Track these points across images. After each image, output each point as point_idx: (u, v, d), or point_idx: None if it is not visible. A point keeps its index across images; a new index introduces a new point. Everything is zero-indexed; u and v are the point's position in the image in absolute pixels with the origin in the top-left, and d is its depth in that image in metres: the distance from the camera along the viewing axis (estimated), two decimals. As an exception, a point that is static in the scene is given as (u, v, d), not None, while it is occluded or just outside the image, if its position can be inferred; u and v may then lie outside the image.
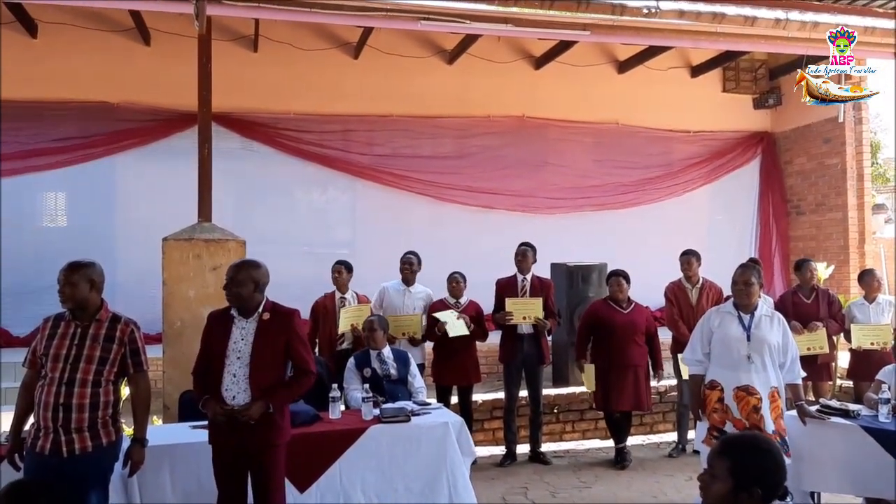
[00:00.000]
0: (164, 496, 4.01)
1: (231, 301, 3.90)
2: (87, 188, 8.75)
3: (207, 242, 5.80)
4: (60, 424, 3.51)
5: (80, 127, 8.61)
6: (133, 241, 8.07)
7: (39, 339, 3.69)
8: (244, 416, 3.69)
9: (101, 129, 8.64)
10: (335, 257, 6.64)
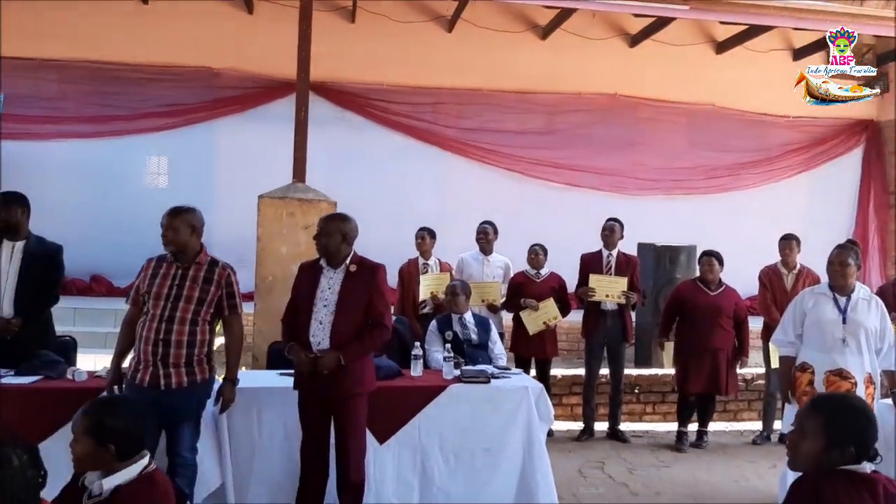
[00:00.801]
0: (252, 436, 4.16)
1: (320, 251, 4.02)
2: (189, 151, 9.13)
3: (301, 202, 5.98)
4: (160, 359, 3.70)
5: (184, 92, 8.98)
6: (230, 203, 8.37)
7: (143, 277, 3.89)
8: (318, 366, 3.81)
9: (204, 95, 8.99)
10: (420, 226, 6.72)
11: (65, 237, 4.80)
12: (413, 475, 4.28)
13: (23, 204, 4.49)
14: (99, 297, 8.37)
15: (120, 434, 2.24)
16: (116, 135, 9.04)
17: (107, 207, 8.85)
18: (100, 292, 8.46)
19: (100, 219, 8.67)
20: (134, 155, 9.29)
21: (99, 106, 9.03)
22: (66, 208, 8.42)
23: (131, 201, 8.92)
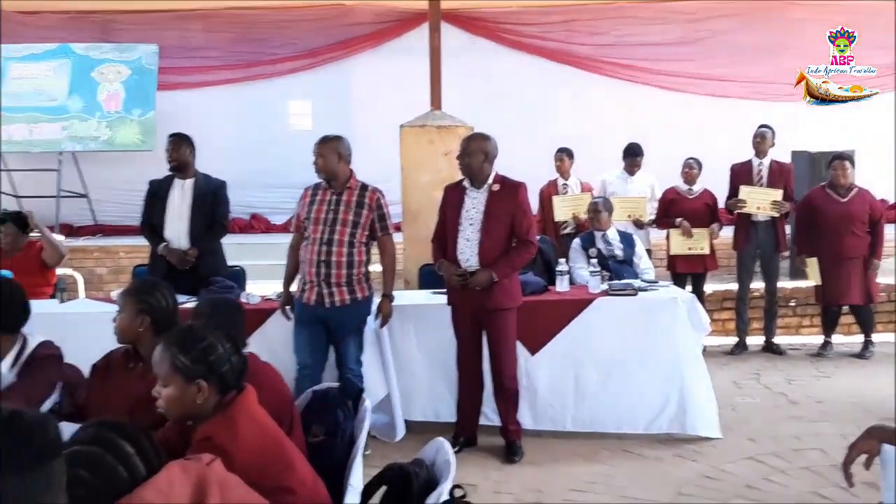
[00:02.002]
0: (410, 349, 4.40)
1: (463, 171, 4.12)
2: (329, 91, 9.38)
3: (439, 129, 6.08)
4: (323, 279, 3.97)
5: (320, 32, 9.22)
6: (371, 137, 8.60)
7: (302, 205, 4.15)
8: (471, 283, 3.94)
9: (339, 33, 9.19)
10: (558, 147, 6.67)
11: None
12: (566, 385, 4.37)
13: (190, 143, 4.85)
14: (259, 233, 8.93)
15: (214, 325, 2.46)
16: (260, 78, 9.44)
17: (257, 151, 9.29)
18: (259, 229, 9.02)
19: (252, 162, 9.12)
20: (278, 98, 9.66)
21: (242, 53, 9.43)
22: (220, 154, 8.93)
23: (279, 144, 9.36)
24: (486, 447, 4.20)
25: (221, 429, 1.77)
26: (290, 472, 1.79)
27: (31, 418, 1.09)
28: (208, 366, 1.86)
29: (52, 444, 1.10)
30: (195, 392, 1.85)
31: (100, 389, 2.60)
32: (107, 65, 8.59)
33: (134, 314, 2.57)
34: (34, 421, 1.09)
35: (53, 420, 1.11)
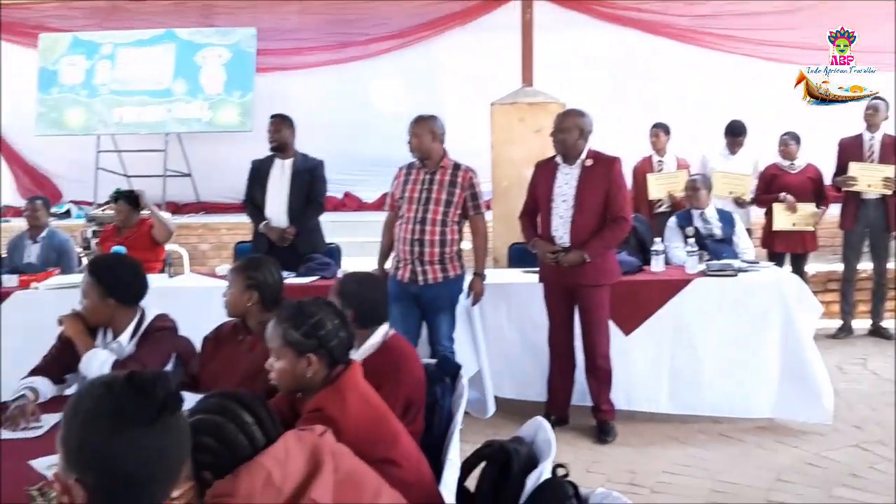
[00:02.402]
0: (501, 327, 4.43)
1: (557, 147, 4.08)
2: (418, 70, 9.44)
3: (531, 105, 6.05)
4: (416, 257, 4.04)
5: (410, 11, 9.25)
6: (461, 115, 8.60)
7: (396, 184, 4.22)
8: (563, 261, 3.92)
9: (429, 12, 9.20)
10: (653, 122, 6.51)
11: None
12: (661, 366, 4.30)
13: (291, 124, 4.99)
14: (351, 211, 9.13)
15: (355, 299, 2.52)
16: (352, 60, 9.58)
17: (349, 131, 9.45)
18: (352, 207, 9.22)
19: (343, 141, 9.28)
20: (369, 78, 9.78)
21: (335, 34, 9.57)
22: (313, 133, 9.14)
23: (370, 124, 9.50)
24: (577, 427, 4.19)
25: (331, 401, 1.84)
26: (395, 445, 1.86)
27: (150, 374, 1.17)
28: (318, 340, 1.94)
29: (172, 398, 1.16)
30: (305, 366, 1.93)
31: (211, 361, 2.74)
32: (208, 48, 8.91)
33: (242, 289, 2.69)
34: (153, 376, 1.17)
35: (170, 375, 1.18)
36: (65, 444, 1.16)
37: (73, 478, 1.14)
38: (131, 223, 5.48)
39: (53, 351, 2.74)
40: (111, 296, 2.70)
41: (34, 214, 5.66)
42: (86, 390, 1.18)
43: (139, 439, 1.13)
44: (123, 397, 1.14)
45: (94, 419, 1.13)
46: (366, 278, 2.68)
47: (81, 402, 1.16)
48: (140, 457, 1.13)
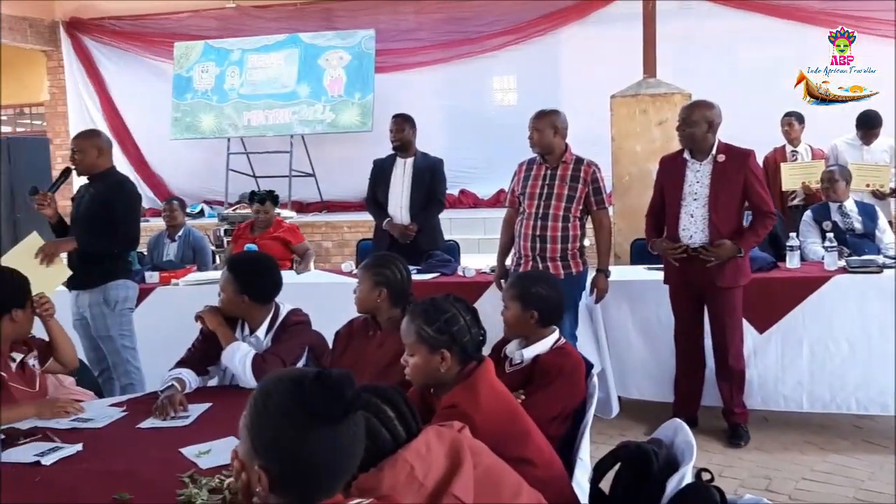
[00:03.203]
0: (625, 325, 4.32)
1: (684, 142, 3.93)
2: (534, 65, 9.38)
3: (653, 97, 5.87)
4: (538, 253, 4.00)
5: (525, 7, 9.19)
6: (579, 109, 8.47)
7: (517, 180, 4.19)
8: (711, 254, 3.77)
9: (545, 6, 9.12)
10: (785, 111, 6.18)
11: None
12: (799, 364, 4.07)
13: (412, 124, 5.07)
14: (467, 208, 9.18)
15: (541, 300, 2.49)
16: (467, 56, 9.62)
17: (464, 128, 9.52)
18: (467, 204, 9.28)
19: (459, 139, 9.36)
20: (484, 75, 9.81)
21: (451, 32, 9.65)
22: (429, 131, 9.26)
23: (485, 121, 9.52)
24: (707, 429, 4.03)
25: (465, 398, 1.85)
26: (529, 443, 1.84)
27: (337, 375, 1.22)
28: (451, 336, 1.96)
29: (356, 398, 1.21)
30: (439, 361, 1.95)
31: (342, 355, 2.81)
32: (331, 51, 9.19)
33: (372, 286, 2.75)
34: (340, 376, 1.21)
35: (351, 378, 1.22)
36: (254, 434, 1.21)
37: (257, 464, 1.20)
38: (270, 223, 5.69)
39: (196, 344, 2.88)
40: (245, 292, 2.82)
41: (172, 214, 6.00)
42: (274, 385, 1.24)
43: (327, 436, 1.19)
44: (315, 395, 1.19)
45: (287, 414, 1.19)
46: (546, 279, 2.66)
47: (272, 397, 1.22)
48: (326, 453, 1.19)
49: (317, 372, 1.22)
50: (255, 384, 2.68)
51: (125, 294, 4.04)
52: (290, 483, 1.20)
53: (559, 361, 2.39)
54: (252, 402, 1.24)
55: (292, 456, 1.18)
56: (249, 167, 9.48)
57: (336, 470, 1.21)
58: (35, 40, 10.00)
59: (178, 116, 9.46)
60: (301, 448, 1.18)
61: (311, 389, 1.20)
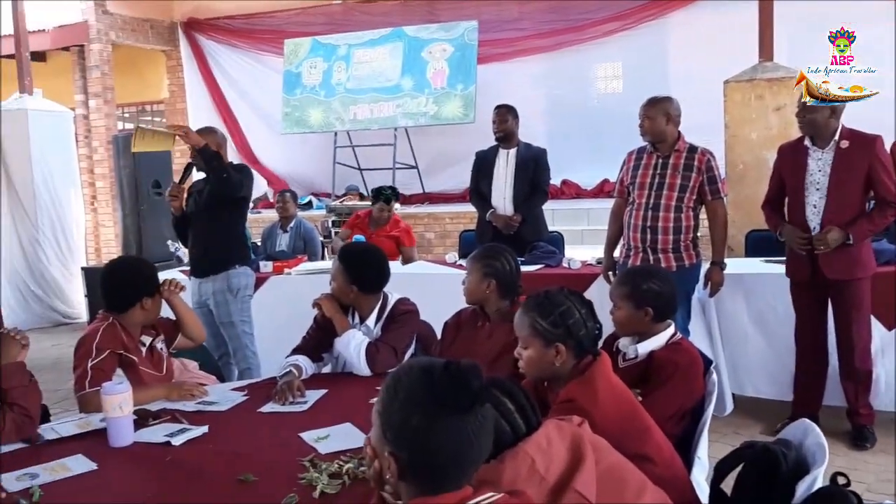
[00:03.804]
0: (740, 320, 4.16)
1: (804, 129, 3.76)
2: (640, 52, 9.12)
3: (770, 82, 5.62)
4: (648, 245, 3.90)
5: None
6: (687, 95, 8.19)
7: (626, 170, 4.09)
8: (819, 241, 3.59)
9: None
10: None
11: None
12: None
13: (515, 114, 5.04)
14: (569, 198, 9.05)
15: (655, 296, 2.42)
16: (570, 45, 9.46)
17: (567, 117, 9.38)
18: (570, 195, 9.13)
19: (561, 128, 9.23)
20: (587, 64, 9.62)
21: (554, 21, 9.51)
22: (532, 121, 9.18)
23: (588, 109, 9.36)
24: (828, 430, 3.75)
25: (581, 392, 1.82)
26: (648, 440, 1.80)
27: (465, 365, 1.23)
28: (567, 329, 1.93)
29: (484, 390, 1.23)
30: (554, 355, 1.93)
31: (451, 346, 2.83)
32: (434, 44, 9.24)
33: (481, 277, 2.75)
34: (468, 367, 1.23)
35: (479, 370, 1.23)
36: (384, 419, 1.25)
37: (387, 450, 1.23)
38: (388, 221, 5.76)
39: (311, 332, 2.97)
40: (355, 282, 2.88)
41: (285, 206, 6.22)
42: (405, 372, 1.27)
43: (455, 426, 1.20)
44: (443, 385, 1.21)
45: (416, 401, 1.22)
46: (657, 273, 2.59)
47: (402, 383, 1.25)
48: (453, 442, 1.20)
49: (446, 362, 1.23)
50: (368, 372, 2.76)
51: (246, 281, 4.22)
52: (418, 471, 1.22)
53: (675, 358, 2.31)
54: (384, 388, 1.27)
55: (420, 443, 1.20)
56: (355, 160, 9.68)
57: (463, 460, 1.22)
58: (155, 41, 10.53)
59: (288, 111, 9.75)
60: (428, 436, 1.20)
61: (440, 379, 1.22)
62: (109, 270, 2.89)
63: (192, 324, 3.05)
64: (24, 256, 7.84)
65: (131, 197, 7.38)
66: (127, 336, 2.76)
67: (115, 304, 2.79)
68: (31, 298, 7.84)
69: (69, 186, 8.26)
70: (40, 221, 7.86)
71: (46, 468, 2.07)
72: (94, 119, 9.94)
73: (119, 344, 2.71)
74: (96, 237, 10.49)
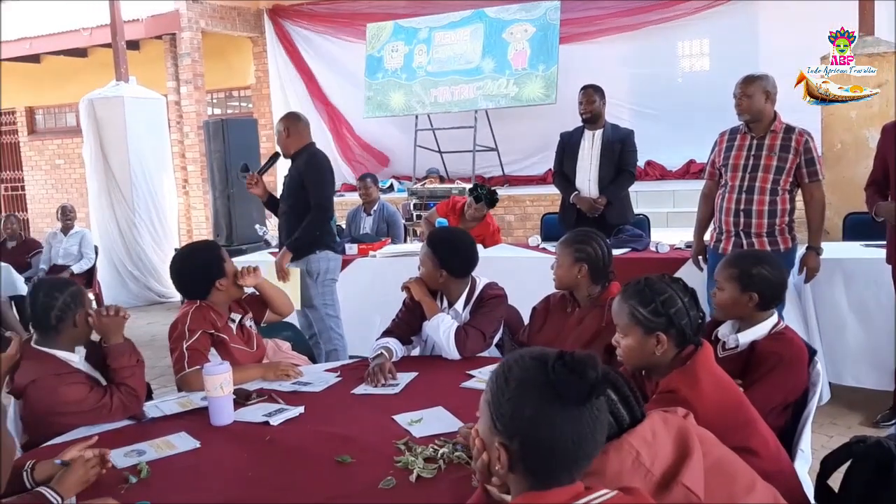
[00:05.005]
0: (838, 307, 4.01)
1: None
2: (729, 29, 8.80)
3: (871, 57, 5.34)
4: (741, 229, 3.77)
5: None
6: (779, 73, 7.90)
7: (717, 151, 3.96)
8: None
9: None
10: None
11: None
12: None
13: (602, 94, 4.94)
14: (654, 180, 8.84)
15: (764, 282, 2.34)
16: (654, 23, 9.19)
17: (650, 97, 9.14)
18: (654, 176, 8.92)
19: (646, 109, 9.01)
20: (671, 42, 9.33)
21: (638, -1, 9.26)
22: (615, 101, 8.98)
23: (673, 88, 9.10)
24: (934, 423, 3.66)
25: (684, 383, 1.78)
26: (753, 433, 1.75)
27: (582, 356, 1.21)
28: (668, 318, 1.88)
29: (600, 382, 1.20)
30: (654, 344, 1.89)
31: (539, 331, 2.82)
32: (515, 25, 9.13)
33: (571, 262, 2.72)
34: (585, 358, 1.21)
35: (596, 361, 1.21)
36: (494, 408, 1.23)
37: (497, 441, 1.22)
38: (479, 220, 5.73)
39: (401, 315, 2.99)
40: (444, 267, 2.89)
41: (367, 191, 6.29)
42: (516, 361, 1.25)
43: (568, 417, 1.18)
44: (558, 374, 1.19)
45: (528, 391, 1.20)
46: (769, 259, 2.49)
47: (513, 371, 1.23)
48: (566, 434, 1.18)
49: (560, 352, 1.22)
50: (457, 355, 2.77)
51: (326, 265, 4.29)
52: (529, 463, 1.20)
53: (779, 349, 2.22)
54: (494, 377, 1.26)
55: (531, 433, 1.18)
56: (435, 143, 9.70)
57: (576, 454, 1.19)
58: (242, 27, 10.77)
59: (370, 95, 9.84)
60: (542, 426, 1.18)
61: (554, 368, 1.19)
62: (174, 267, 2.92)
63: (279, 301, 3.10)
64: (121, 238, 8.22)
65: (221, 181, 7.60)
66: (216, 315, 2.82)
67: (192, 294, 2.86)
68: (129, 278, 8.22)
69: (162, 171, 8.60)
70: (136, 204, 8.21)
71: (153, 445, 2.17)
72: (186, 105, 10.27)
73: (209, 324, 2.78)
74: (188, 219, 10.88)
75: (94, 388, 2.39)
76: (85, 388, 2.37)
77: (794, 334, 2.34)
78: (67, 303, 2.43)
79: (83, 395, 2.35)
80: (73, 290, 2.48)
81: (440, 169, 9.65)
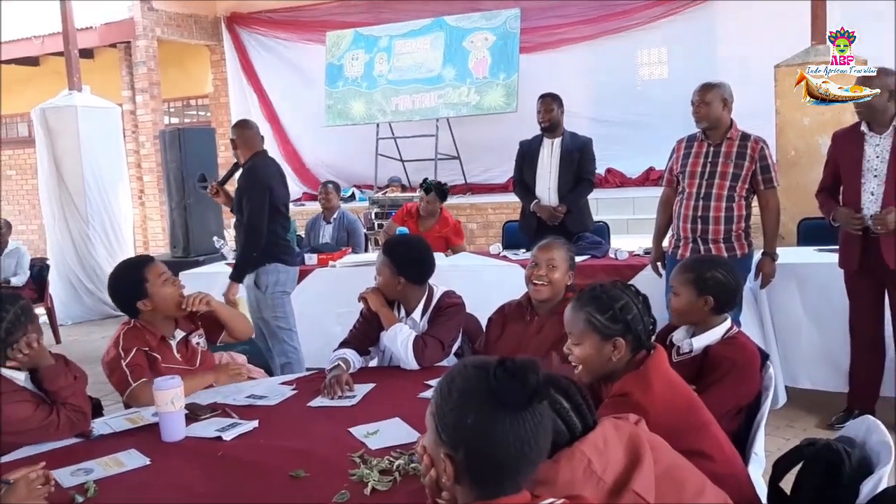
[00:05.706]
0: (793, 311, 4.07)
1: (861, 114, 3.66)
2: (686, 37, 8.92)
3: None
4: (699, 235, 3.82)
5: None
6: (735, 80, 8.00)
7: (675, 158, 4.01)
8: (879, 221, 3.48)
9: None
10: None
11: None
12: None
13: (560, 103, 4.97)
14: (614, 187, 8.92)
15: (718, 286, 2.36)
16: (614, 32, 9.30)
17: (610, 105, 9.22)
18: (614, 184, 8.99)
19: (605, 116, 9.08)
20: (630, 50, 9.44)
21: (597, 8, 9.35)
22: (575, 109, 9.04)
23: (632, 96, 9.20)
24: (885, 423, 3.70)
25: (636, 386, 1.78)
26: (706, 435, 1.75)
27: (521, 361, 1.19)
28: (625, 324, 1.89)
29: (541, 386, 1.19)
30: (611, 350, 1.89)
31: (497, 340, 2.81)
32: (476, 33, 9.15)
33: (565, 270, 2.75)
34: (525, 364, 1.19)
35: (537, 365, 1.20)
36: (440, 420, 1.22)
37: (442, 452, 1.20)
38: (434, 214, 5.73)
39: (358, 326, 2.96)
40: (401, 274, 2.86)
41: (327, 197, 6.24)
42: (459, 371, 1.24)
43: (511, 424, 1.16)
44: (499, 381, 1.17)
45: (470, 399, 1.18)
46: (723, 264, 2.52)
47: (455, 381, 1.22)
48: (510, 441, 1.16)
49: (501, 358, 1.20)
50: (416, 365, 2.75)
51: (276, 278, 4.19)
52: (475, 472, 1.18)
53: (732, 354, 2.24)
54: (437, 389, 1.25)
55: (476, 442, 1.17)
56: (397, 151, 9.68)
57: (520, 460, 1.18)
58: (200, 35, 10.65)
59: (330, 104, 9.78)
60: (485, 434, 1.16)
61: (495, 375, 1.18)
62: (108, 285, 2.94)
63: (236, 323, 3.01)
64: (74, 250, 8.02)
65: (178, 191, 7.49)
66: (149, 334, 2.75)
67: (125, 312, 2.84)
68: (83, 291, 8.02)
69: (117, 181, 8.42)
70: (90, 216, 8.03)
71: (101, 463, 2.10)
72: (141, 114, 10.11)
73: (142, 342, 2.71)
74: (144, 231, 10.70)
75: (41, 406, 2.31)
76: (31, 406, 2.29)
77: (747, 339, 2.36)
78: (18, 315, 2.35)
79: (29, 414, 2.27)
80: (23, 304, 2.40)
81: (402, 178, 9.63)
